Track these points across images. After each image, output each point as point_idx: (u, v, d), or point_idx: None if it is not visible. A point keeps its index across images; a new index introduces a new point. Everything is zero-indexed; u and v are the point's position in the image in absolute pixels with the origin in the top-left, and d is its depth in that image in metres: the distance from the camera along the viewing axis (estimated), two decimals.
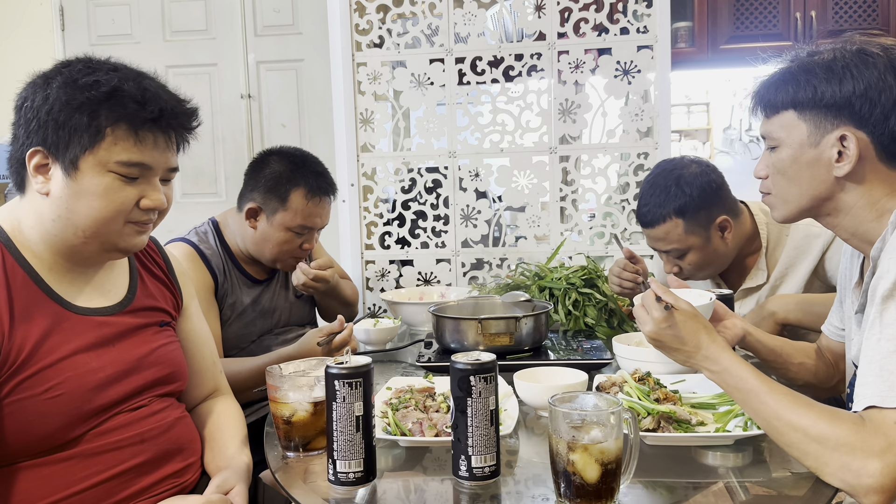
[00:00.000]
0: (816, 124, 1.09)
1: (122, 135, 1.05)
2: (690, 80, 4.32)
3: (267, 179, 1.77)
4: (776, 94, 1.13)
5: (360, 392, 1.00)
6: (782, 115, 1.13)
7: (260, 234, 1.78)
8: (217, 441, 1.24)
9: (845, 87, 1.06)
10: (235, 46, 3.36)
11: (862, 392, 0.94)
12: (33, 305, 1.06)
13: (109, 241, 1.09)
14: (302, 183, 1.76)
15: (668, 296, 1.12)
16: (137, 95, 1.05)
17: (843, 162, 1.07)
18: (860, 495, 0.89)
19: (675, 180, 1.72)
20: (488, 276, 2.73)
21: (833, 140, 1.08)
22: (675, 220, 1.72)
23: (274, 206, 1.76)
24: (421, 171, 2.77)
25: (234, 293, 1.80)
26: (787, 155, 1.13)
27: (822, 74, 1.08)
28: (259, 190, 1.78)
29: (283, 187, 1.76)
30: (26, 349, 1.02)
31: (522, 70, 2.67)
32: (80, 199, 1.05)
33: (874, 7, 3.09)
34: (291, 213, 1.76)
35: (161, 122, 1.07)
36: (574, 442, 0.90)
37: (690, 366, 1.11)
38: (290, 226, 1.76)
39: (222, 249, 1.82)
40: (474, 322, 1.58)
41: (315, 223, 1.80)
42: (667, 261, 1.81)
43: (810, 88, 1.08)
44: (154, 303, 1.23)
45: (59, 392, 1.03)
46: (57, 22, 3.42)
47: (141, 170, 1.07)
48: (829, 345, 1.38)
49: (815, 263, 1.72)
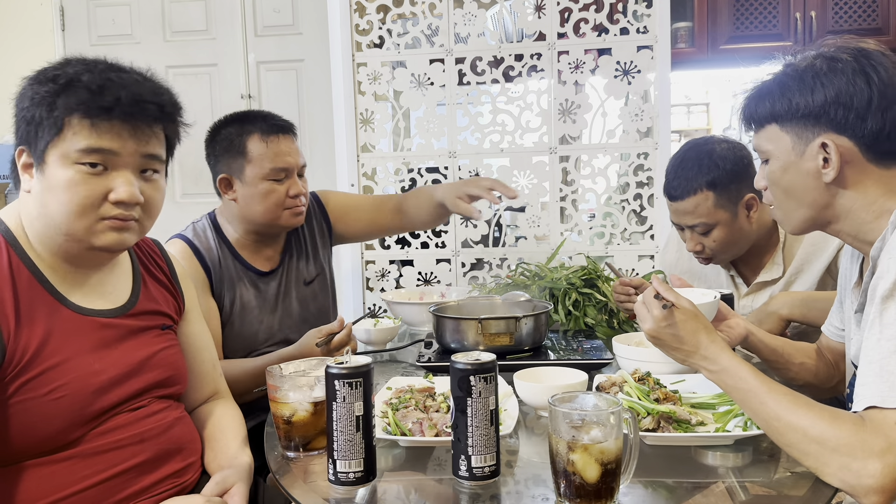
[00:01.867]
0: (798, 135, 1.10)
1: (77, 124, 1.03)
2: (690, 80, 4.32)
3: (220, 145, 1.75)
4: (756, 108, 1.15)
5: (360, 392, 1.00)
6: (767, 129, 1.15)
7: (242, 199, 1.74)
8: (218, 441, 1.24)
9: (817, 95, 1.07)
10: (235, 46, 3.36)
11: (862, 392, 0.94)
12: (38, 306, 1.06)
13: (85, 238, 1.07)
14: (252, 129, 1.73)
15: (670, 294, 1.12)
16: (92, 85, 1.03)
17: (828, 168, 1.08)
18: (860, 496, 0.89)
19: (708, 154, 1.73)
20: (488, 276, 2.73)
21: (816, 148, 1.09)
22: (706, 193, 1.72)
23: (239, 165, 1.72)
24: (421, 171, 2.77)
25: (233, 288, 1.75)
26: (778, 167, 1.14)
27: (794, 86, 1.10)
28: (220, 159, 1.75)
29: (237, 142, 1.73)
30: (31, 349, 1.02)
31: (522, 70, 2.67)
32: (50, 194, 1.05)
33: (874, 7, 3.09)
34: (257, 161, 1.71)
35: (116, 111, 1.04)
36: (574, 442, 0.90)
37: (689, 365, 1.11)
38: (262, 175, 1.71)
39: (219, 242, 1.78)
40: (474, 322, 1.58)
41: (287, 162, 1.74)
42: (690, 237, 1.80)
43: (785, 101, 1.10)
44: (156, 306, 1.23)
45: (62, 394, 1.03)
46: (57, 22, 3.42)
47: (103, 157, 1.05)
48: (830, 345, 1.38)
49: (829, 261, 1.73)
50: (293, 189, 1.75)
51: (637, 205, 2.69)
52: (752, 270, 1.87)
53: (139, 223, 1.11)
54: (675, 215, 1.81)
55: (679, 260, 2.06)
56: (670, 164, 1.80)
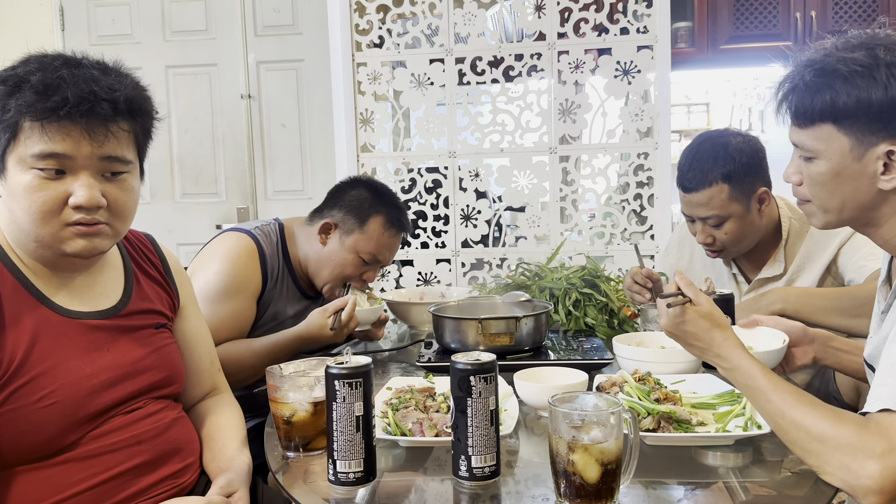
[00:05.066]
0: (859, 138, 1.00)
1: (29, 127, 0.99)
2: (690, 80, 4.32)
3: (351, 199, 1.78)
4: (811, 103, 1.02)
5: (360, 392, 1.00)
6: (819, 128, 1.03)
7: (328, 250, 1.76)
8: (216, 442, 1.23)
9: (891, 96, 0.96)
10: (235, 46, 3.36)
11: (878, 393, 0.93)
12: (23, 311, 1.04)
13: (54, 245, 1.03)
14: (384, 212, 1.77)
15: (690, 290, 1.13)
16: (39, 86, 0.98)
17: (890, 175, 1.00)
18: (859, 496, 0.89)
19: (724, 146, 1.74)
20: (488, 276, 2.73)
21: (879, 154, 0.99)
22: (721, 186, 1.72)
23: (350, 227, 1.76)
24: (421, 171, 2.77)
25: (279, 302, 1.75)
26: (827, 169, 1.04)
27: (862, 83, 0.97)
28: (340, 208, 1.78)
29: (365, 211, 1.76)
30: (18, 356, 1.00)
31: (522, 70, 2.67)
32: (13, 200, 1.02)
33: (874, 7, 3.09)
34: (367, 237, 1.75)
35: (64, 112, 0.98)
36: (574, 442, 0.90)
37: (705, 360, 1.13)
38: (360, 250, 1.75)
39: (282, 254, 1.78)
40: (474, 322, 1.58)
41: (384, 256, 1.80)
42: (702, 230, 1.80)
43: (851, 99, 0.98)
44: (150, 305, 1.21)
45: (52, 400, 1.01)
46: (57, 22, 3.42)
47: (59, 162, 1.00)
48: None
49: (830, 259, 1.74)
50: (369, 276, 1.81)
51: (637, 205, 2.69)
52: (753, 267, 1.87)
53: (111, 227, 1.06)
54: (688, 207, 1.80)
55: (679, 262, 2.07)
56: (684, 155, 1.81)
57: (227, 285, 1.62)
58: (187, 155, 3.42)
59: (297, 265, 1.81)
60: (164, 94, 3.34)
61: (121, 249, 1.23)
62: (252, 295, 1.68)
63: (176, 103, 3.38)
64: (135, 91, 1.06)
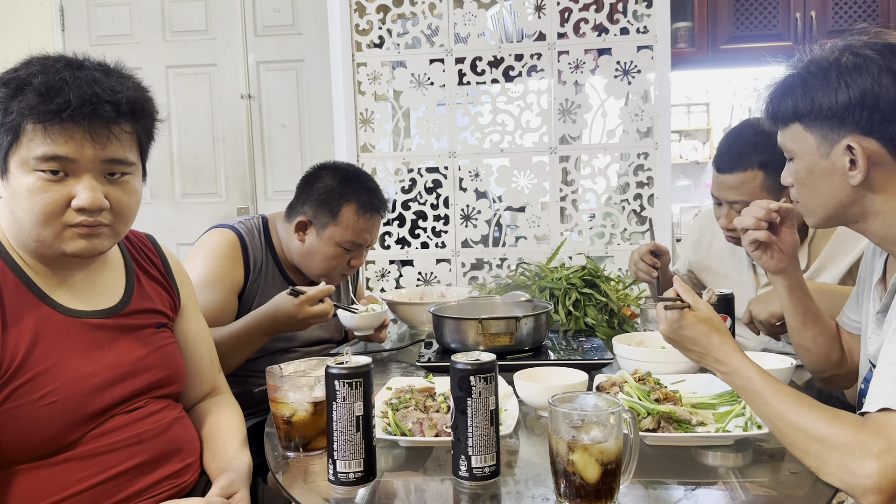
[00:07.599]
0: (823, 135, 1.07)
1: (31, 130, 0.99)
2: (690, 80, 4.33)
3: (318, 193, 1.76)
4: (780, 106, 1.12)
5: (360, 392, 1.00)
6: (791, 128, 1.12)
7: (308, 247, 1.77)
8: (216, 442, 1.23)
9: (841, 96, 1.03)
10: (235, 46, 3.36)
11: (877, 393, 0.93)
12: (25, 309, 1.04)
13: (55, 245, 1.04)
14: (354, 198, 1.75)
15: (689, 296, 1.13)
16: (42, 88, 0.98)
17: (855, 171, 1.06)
18: (858, 495, 0.89)
19: (767, 135, 1.71)
20: (488, 276, 2.73)
21: (842, 150, 1.05)
22: (755, 172, 1.70)
23: (324, 221, 1.75)
24: (421, 171, 2.77)
25: (265, 294, 1.74)
26: (802, 167, 1.12)
27: (818, 85, 1.06)
28: (310, 203, 1.77)
29: (334, 202, 1.75)
30: (20, 355, 1.01)
31: (522, 70, 2.67)
32: (15, 202, 1.02)
33: (874, 7, 3.09)
34: (342, 227, 1.75)
35: (66, 114, 0.98)
36: (574, 442, 0.90)
37: (703, 365, 1.13)
38: (339, 241, 1.75)
39: (267, 247, 1.80)
40: (474, 322, 1.58)
41: (364, 239, 1.79)
42: (726, 214, 1.77)
43: (808, 101, 1.07)
44: (151, 305, 1.21)
45: (53, 399, 1.02)
46: (57, 22, 3.42)
47: (62, 164, 1.00)
48: (844, 335, 1.37)
49: (854, 261, 1.72)
50: (355, 261, 1.80)
51: (637, 205, 2.69)
52: None
53: (111, 228, 1.07)
54: (718, 189, 1.78)
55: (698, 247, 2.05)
56: (725, 137, 1.79)
57: (205, 277, 1.66)
58: (187, 155, 3.42)
59: (283, 257, 1.83)
60: (165, 94, 3.35)
61: (122, 249, 1.24)
62: (232, 287, 1.71)
63: (176, 103, 3.38)
64: (137, 93, 1.07)
